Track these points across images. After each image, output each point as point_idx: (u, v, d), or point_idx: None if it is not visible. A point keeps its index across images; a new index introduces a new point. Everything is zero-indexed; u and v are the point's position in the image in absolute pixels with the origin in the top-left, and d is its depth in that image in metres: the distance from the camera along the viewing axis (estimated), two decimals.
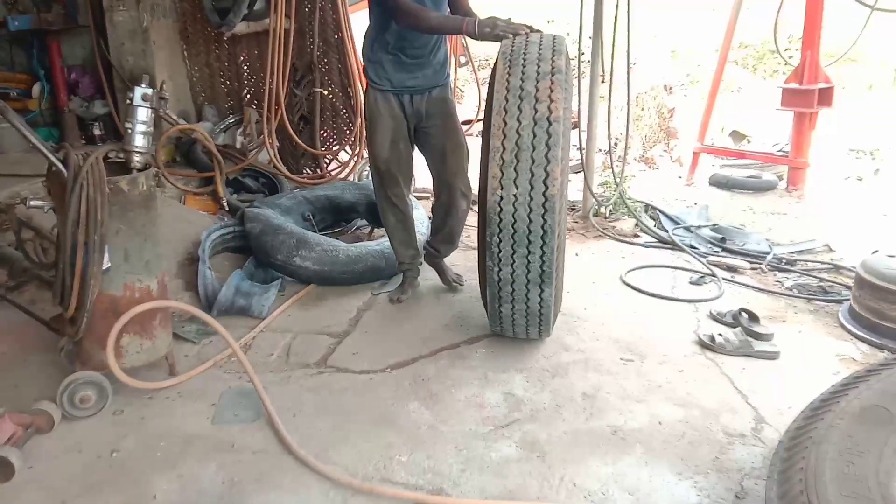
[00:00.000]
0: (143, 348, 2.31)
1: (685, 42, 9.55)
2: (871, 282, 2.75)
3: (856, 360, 2.58)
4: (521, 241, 2.22)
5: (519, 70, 2.26)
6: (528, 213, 2.19)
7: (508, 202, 2.20)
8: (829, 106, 4.74)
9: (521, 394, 2.34)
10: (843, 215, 4.38)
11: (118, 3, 4.39)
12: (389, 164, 2.90)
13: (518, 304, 2.37)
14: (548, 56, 2.26)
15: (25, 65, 4.84)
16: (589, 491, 1.86)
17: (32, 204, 2.17)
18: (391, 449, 2.04)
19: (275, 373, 2.48)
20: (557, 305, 2.77)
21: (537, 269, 2.24)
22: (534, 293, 2.30)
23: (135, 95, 2.31)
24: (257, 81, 4.81)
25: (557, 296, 2.65)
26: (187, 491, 1.86)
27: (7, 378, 2.41)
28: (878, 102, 7.61)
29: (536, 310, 2.37)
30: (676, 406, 2.27)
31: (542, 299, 2.32)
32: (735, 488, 1.86)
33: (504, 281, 2.32)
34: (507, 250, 2.26)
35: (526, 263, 2.25)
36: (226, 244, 3.47)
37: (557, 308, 2.78)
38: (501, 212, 2.22)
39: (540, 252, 2.22)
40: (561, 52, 2.30)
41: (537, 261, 2.23)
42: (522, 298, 2.34)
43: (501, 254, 2.27)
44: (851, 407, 1.78)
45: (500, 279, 2.32)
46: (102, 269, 2.11)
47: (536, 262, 2.23)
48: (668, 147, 6.22)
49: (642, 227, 4.20)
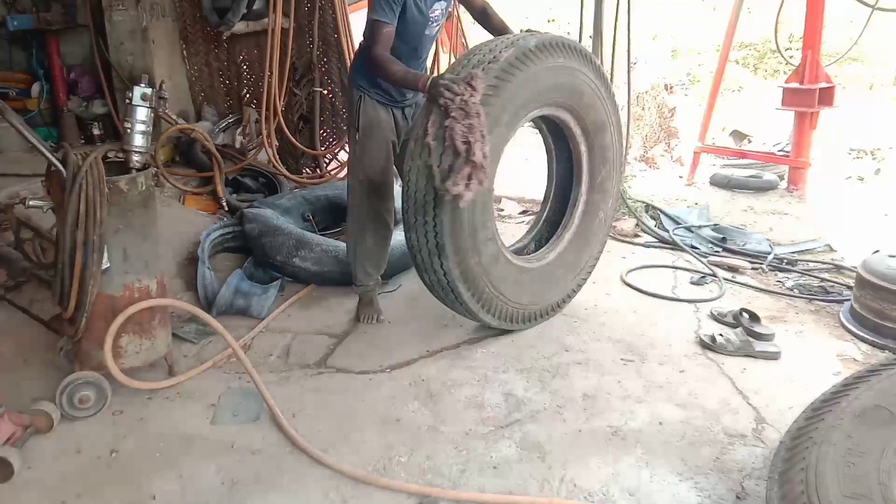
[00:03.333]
0: (142, 348, 2.30)
1: (686, 41, 9.54)
2: (872, 282, 2.74)
3: (857, 361, 2.58)
4: (419, 209, 2.37)
5: (463, 61, 2.43)
6: (425, 184, 2.33)
7: (413, 172, 2.37)
8: (829, 105, 4.73)
9: (521, 394, 2.34)
10: (844, 215, 4.38)
11: (117, 3, 4.38)
12: (386, 175, 2.79)
13: (430, 275, 2.51)
14: (499, 50, 2.36)
15: (24, 64, 4.83)
16: (589, 491, 1.85)
17: (31, 204, 2.16)
18: (391, 449, 2.03)
19: (274, 373, 2.48)
20: (544, 298, 2.80)
21: (433, 238, 2.38)
22: (436, 263, 2.43)
23: (134, 95, 2.30)
24: (256, 81, 4.80)
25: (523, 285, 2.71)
26: (187, 491, 1.86)
27: (6, 378, 2.40)
28: (879, 102, 7.61)
29: (445, 282, 2.46)
30: (677, 406, 2.26)
31: (445, 271, 2.42)
32: (736, 489, 1.86)
33: (414, 248, 2.48)
34: (410, 218, 2.42)
35: (424, 233, 2.39)
36: (225, 244, 3.47)
37: (547, 301, 2.82)
38: (409, 181, 2.39)
39: (433, 223, 2.35)
40: (519, 46, 2.37)
41: (431, 231, 2.37)
42: (430, 268, 2.47)
43: (409, 221, 2.44)
44: (852, 407, 1.78)
45: (411, 246, 2.49)
46: (101, 269, 2.10)
47: (431, 232, 2.38)
48: (669, 147, 6.22)
49: (643, 226, 4.19)
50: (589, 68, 2.66)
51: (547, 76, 2.49)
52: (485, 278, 2.51)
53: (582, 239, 2.92)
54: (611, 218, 3.08)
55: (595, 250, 3.02)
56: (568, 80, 2.58)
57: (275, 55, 4.27)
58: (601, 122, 2.79)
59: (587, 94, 2.68)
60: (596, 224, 2.95)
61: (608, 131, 2.85)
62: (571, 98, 2.63)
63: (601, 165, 2.86)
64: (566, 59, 2.54)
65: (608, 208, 2.99)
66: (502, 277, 2.58)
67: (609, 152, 2.89)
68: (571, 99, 2.64)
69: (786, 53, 5.66)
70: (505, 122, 2.42)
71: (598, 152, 2.84)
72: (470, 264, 2.44)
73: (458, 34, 5.39)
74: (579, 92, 2.64)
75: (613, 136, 2.89)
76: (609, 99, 2.82)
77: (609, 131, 2.86)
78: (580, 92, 2.65)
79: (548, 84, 2.51)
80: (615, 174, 2.98)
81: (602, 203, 2.94)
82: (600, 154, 2.85)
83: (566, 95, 2.61)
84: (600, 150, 2.84)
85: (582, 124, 2.75)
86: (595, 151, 2.84)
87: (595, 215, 2.94)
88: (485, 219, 2.46)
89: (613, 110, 2.87)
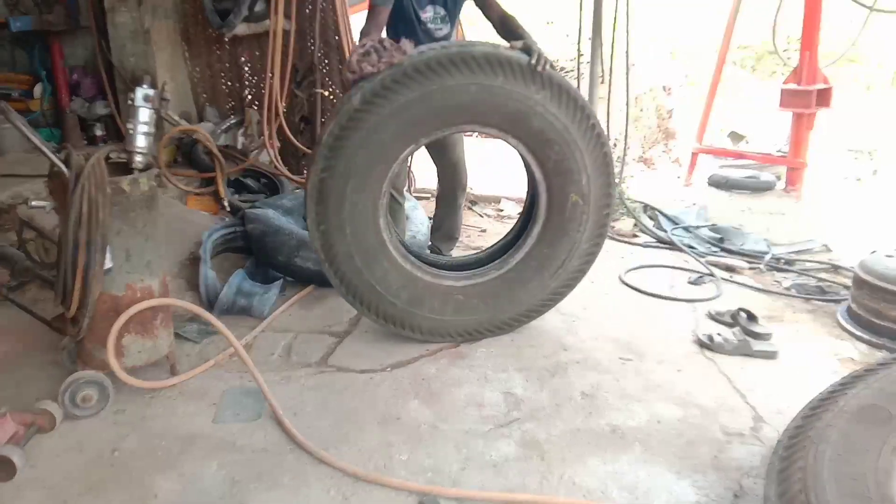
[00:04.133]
0: (144, 348, 2.32)
1: (684, 43, 9.56)
2: (869, 282, 2.76)
3: (854, 360, 2.59)
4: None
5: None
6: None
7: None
8: (827, 106, 4.75)
9: (520, 393, 2.35)
10: (842, 215, 4.40)
11: (120, 5, 4.40)
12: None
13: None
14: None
15: (27, 65, 4.84)
16: (588, 489, 1.87)
17: (34, 204, 2.17)
18: (391, 448, 2.05)
19: (276, 372, 2.49)
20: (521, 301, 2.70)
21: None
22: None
23: (136, 96, 2.31)
24: (258, 82, 4.81)
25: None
26: (188, 490, 1.87)
27: (9, 377, 2.42)
28: (877, 103, 7.63)
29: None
30: (675, 405, 2.27)
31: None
32: (734, 487, 1.87)
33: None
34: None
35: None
36: (227, 244, 3.48)
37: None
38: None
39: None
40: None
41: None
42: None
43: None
44: (850, 406, 1.79)
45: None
46: (104, 269, 2.12)
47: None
48: (667, 147, 6.24)
49: (641, 227, 4.21)
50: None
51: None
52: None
53: (558, 230, 2.61)
54: (594, 201, 2.59)
55: (577, 239, 2.63)
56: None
57: (276, 57, 4.28)
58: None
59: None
60: (569, 210, 2.58)
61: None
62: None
63: (548, 148, 2.49)
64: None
65: (581, 189, 2.54)
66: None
67: (550, 133, 2.46)
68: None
69: (784, 55, 5.68)
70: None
71: (535, 138, 2.48)
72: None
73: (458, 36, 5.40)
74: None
75: (558, 118, 2.45)
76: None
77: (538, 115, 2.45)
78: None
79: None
80: (578, 148, 2.49)
81: (569, 186, 2.54)
82: (541, 140, 2.48)
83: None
84: (538, 135, 2.47)
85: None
86: (532, 139, 2.49)
87: (564, 200, 2.56)
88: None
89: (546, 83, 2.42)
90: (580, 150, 2.47)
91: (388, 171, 2.46)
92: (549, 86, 2.38)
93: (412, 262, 2.68)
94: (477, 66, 2.32)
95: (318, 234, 2.51)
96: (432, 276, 2.68)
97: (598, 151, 2.51)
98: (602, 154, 2.52)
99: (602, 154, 2.52)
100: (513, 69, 2.33)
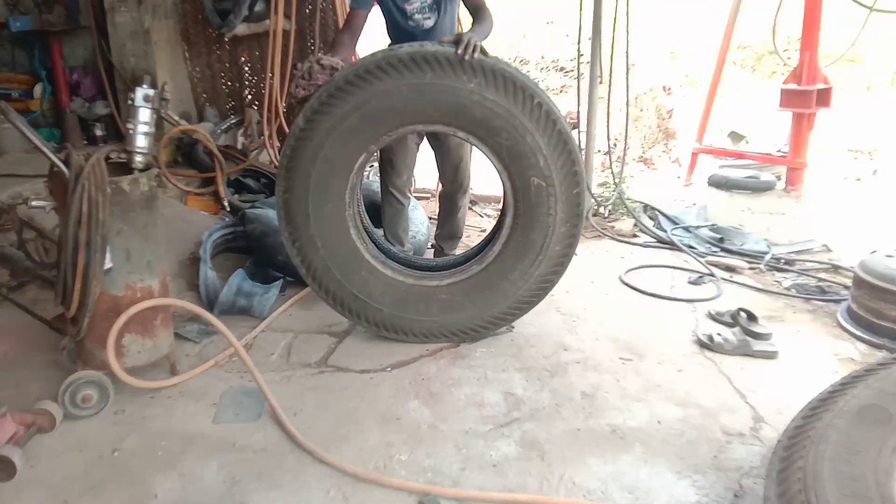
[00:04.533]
0: (144, 348, 2.32)
1: (684, 43, 9.56)
2: (869, 282, 2.76)
3: (854, 360, 2.59)
4: None
5: None
6: None
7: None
8: (827, 106, 4.75)
9: (520, 393, 2.35)
10: (842, 215, 4.40)
11: (120, 4, 4.40)
12: (393, 155, 3.03)
13: None
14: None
15: (27, 65, 4.85)
16: (588, 489, 1.87)
17: (34, 204, 2.17)
18: (391, 448, 2.05)
19: (276, 372, 2.49)
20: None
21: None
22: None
23: (136, 96, 2.31)
24: (258, 82, 4.82)
25: None
26: (188, 490, 1.87)
27: (9, 377, 2.42)
28: (877, 103, 7.63)
29: None
30: (675, 405, 2.28)
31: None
32: (734, 487, 1.87)
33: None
34: None
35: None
36: (227, 244, 3.48)
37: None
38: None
39: None
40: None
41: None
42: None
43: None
44: (850, 406, 1.79)
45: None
46: (104, 269, 2.12)
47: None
48: (667, 148, 6.24)
49: (641, 227, 4.21)
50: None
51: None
52: None
53: (528, 216, 2.54)
54: (560, 182, 2.48)
55: (550, 222, 2.53)
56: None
57: (276, 57, 4.29)
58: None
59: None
60: (534, 194, 2.49)
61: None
62: None
63: (496, 136, 2.44)
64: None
65: (542, 171, 2.45)
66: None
67: (495, 120, 2.41)
68: None
69: (784, 55, 5.68)
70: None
71: (481, 127, 2.44)
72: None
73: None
74: None
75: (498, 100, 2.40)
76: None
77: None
78: None
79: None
80: (527, 130, 2.42)
81: (528, 170, 2.46)
82: (487, 128, 2.43)
83: None
84: (482, 124, 2.43)
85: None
86: (478, 128, 2.45)
87: (527, 185, 2.49)
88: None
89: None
90: (530, 133, 2.41)
91: (346, 182, 2.54)
92: (482, 73, 2.35)
93: (392, 266, 2.71)
94: (403, 66, 2.34)
95: (295, 252, 2.63)
96: (414, 278, 2.70)
97: (550, 130, 2.42)
98: (556, 132, 2.43)
99: (556, 132, 2.43)
100: (440, 63, 2.33)
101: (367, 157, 2.58)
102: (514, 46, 9.49)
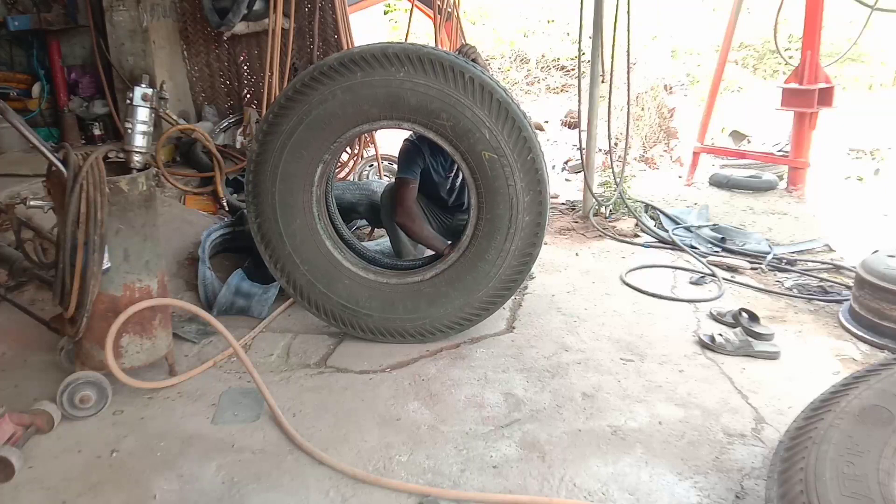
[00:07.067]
0: (142, 348, 2.31)
1: (685, 42, 9.55)
2: (871, 282, 2.75)
3: (856, 360, 2.58)
4: None
5: None
6: None
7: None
8: (829, 106, 4.75)
9: (521, 394, 2.34)
10: (844, 215, 4.39)
11: (118, 3, 4.39)
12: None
13: None
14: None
15: (25, 65, 4.83)
16: (589, 491, 1.86)
17: (32, 204, 2.16)
18: (391, 449, 2.04)
19: (275, 373, 2.48)
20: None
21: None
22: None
23: (135, 95, 2.31)
24: (257, 81, 4.81)
25: None
26: (187, 491, 1.86)
27: (7, 378, 2.41)
28: (879, 102, 7.62)
29: None
30: (677, 406, 2.26)
31: None
32: (735, 488, 1.86)
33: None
34: None
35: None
36: (226, 244, 3.47)
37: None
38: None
39: None
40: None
41: None
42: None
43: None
44: (851, 407, 1.78)
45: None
46: (102, 269, 2.11)
47: None
48: (669, 147, 6.24)
49: (642, 226, 4.20)
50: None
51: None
52: None
53: (490, 192, 2.55)
54: (511, 150, 2.48)
55: (512, 193, 2.52)
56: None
57: (275, 55, 4.28)
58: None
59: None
60: (488, 168, 2.50)
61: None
62: None
63: (437, 118, 2.47)
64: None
65: (489, 143, 2.46)
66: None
67: (431, 103, 2.45)
68: None
69: (785, 54, 5.68)
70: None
71: (421, 114, 2.48)
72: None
73: (458, 35, 5.40)
74: None
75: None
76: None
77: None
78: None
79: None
80: (464, 105, 2.44)
81: (476, 145, 2.47)
82: (427, 112, 2.47)
83: None
84: (421, 110, 2.47)
85: None
86: (420, 115, 2.49)
87: (480, 160, 2.50)
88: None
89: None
90: (468, 108, 2.43)
91: (310, 196, 2.63)
92: (408, 61, 2.40)
93: (374, 270, 2.75)
94: (334, 71, 2.44)
95: (278, 272, 2.70)
96: (398, 277, 2.71)
97: (488, 102, 2.42)
98: (495, 103, 2.42)
99: (495, 103, 2.42)
100: (367, 61, 2.41)
101: (325, 167, 2.66)
102: (515, 45, 9.49)
